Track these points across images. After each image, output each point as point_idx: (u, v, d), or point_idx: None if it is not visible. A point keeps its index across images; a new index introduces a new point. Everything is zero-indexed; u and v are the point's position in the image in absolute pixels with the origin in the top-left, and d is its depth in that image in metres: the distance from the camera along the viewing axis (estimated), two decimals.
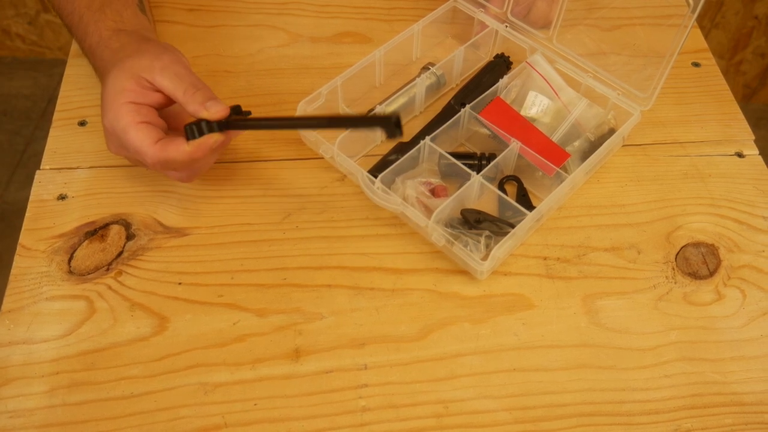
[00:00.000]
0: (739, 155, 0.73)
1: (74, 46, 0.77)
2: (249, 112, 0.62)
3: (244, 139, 0.71)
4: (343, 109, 0.72)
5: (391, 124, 0.53)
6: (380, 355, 0.58)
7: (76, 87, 0.74)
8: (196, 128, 0.59)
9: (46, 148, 0.69)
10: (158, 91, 0.60)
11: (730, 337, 0.60)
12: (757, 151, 0.73)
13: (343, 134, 0.66)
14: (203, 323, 0.59)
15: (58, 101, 0.73)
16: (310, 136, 0.68)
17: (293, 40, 0.81)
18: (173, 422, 0.54)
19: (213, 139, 0.59)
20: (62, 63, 0.76)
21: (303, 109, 0.68)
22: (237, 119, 0.60)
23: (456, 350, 0.58)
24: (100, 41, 0.65)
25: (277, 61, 0.78)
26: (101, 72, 0.64)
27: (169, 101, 0.61)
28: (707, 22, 1.65)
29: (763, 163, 0.72)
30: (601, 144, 0.66)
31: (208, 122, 0.59)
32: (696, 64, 0.81)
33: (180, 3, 0.83)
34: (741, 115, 0.76)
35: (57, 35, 1.81)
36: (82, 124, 0.71)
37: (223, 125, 0.59)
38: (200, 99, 0.59)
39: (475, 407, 0.55)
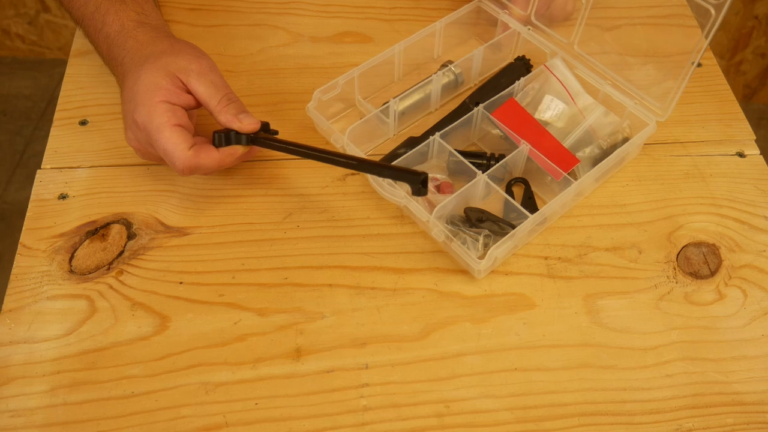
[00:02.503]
0: (740, 155, 0.73)
1: (75, 46, 0.77)
2: (276, 132, 0.64)
3: None
4: (359, 101, 0.72)
5: (418, 181, 0.55)
6: (381, 354, 0.58)
7: (76, 86, 0.74)
8: (224, 136, 0.61)
9: (47, 147, 0.69)
10: (190, 93, 0.61)
11: (732, 336, 0.60)
12: (758, 151, 0.73)
13: (353, 125, 0.66)
14: (204, 323, 0.59)
15: (59, 100, 0.73)
16: (322, 124, 0.68)
17: (294, 39, 0.81)
18: (174, 422, 0.53)
19: (241, 150, 0.61)
20: (62, 63, 0.76)
21: (317, 98, 0.68)
22: (265, 137, 0.62)
23: (457, 350, 0.58)
24: (122, 31, 0.65)
25: (277, 60, 0.78)
26: (121, 62, 0.64)
27: (198, 105, 0.62)
28: None
29: (764, 162, 0.72)
30: (612, 152, 0.66)
31: (237, 133, 0.61)
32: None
33: (181, 2, 0.83)
34: (742, 115, 0.76)
35: (57, 35, 1.81)
36: (83, 123, 0.71)
37: (251, 140, 0.61)
38: (233, 111, 0.61)
39: (476, 407, 0.55)
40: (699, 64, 0.81)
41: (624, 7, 0.78)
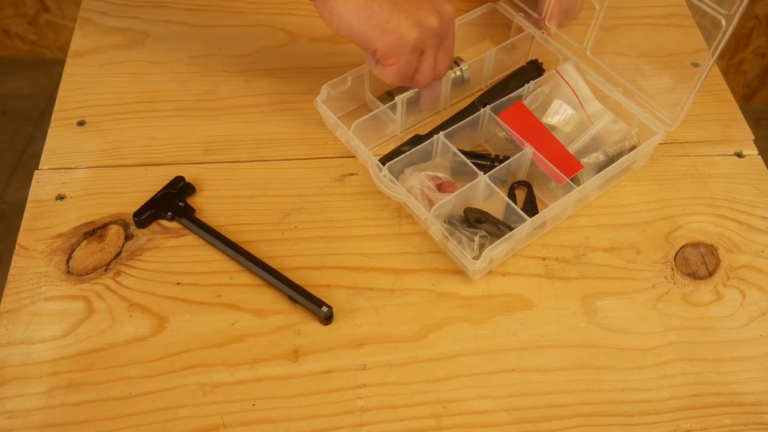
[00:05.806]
0: (739, 155, 0.73)
1: (73, 46, 0.77)
2: (193, 189, 0.66)
3: (243, 139, 0.71)
4: (369, 97, 0.72)
5: (322, 314, 0.58)
6: (379, 355, 0.57)
7: (74, 87, 0.74)
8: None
9: (45, 148, 0.69)
10: None
11: (729, 337, 0.60)
12: (756, 151, 0.73)
13: (360, 119, 0.66)
14: (202, 323, 0.58)
15: (57, 101, 0.73)
16: (329, 119, 0.68)
17: (292, 40, 0.81)
18: (171, 422, 0.53)
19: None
20: (62, 63, 0.76)
21: (326, 92, 0.68)
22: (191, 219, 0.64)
23: (455, 350, 0.58)
24: None
25: (276, 61, 0.78)
26: None
27: None
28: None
29: (762, 163, 0.72)
30: (617, 160, 0.65)
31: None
32: (695, 65, 0.81)
33: (179, 2, 0.83)
34: (740, 115, 0.76)
35: (57, 35, 1.81)
36: (80, 124, 0.71)
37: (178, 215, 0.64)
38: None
39: (474, 408, 0.55)
40: (696, 64, 0.81)
41: (637, 16, 0.78)
